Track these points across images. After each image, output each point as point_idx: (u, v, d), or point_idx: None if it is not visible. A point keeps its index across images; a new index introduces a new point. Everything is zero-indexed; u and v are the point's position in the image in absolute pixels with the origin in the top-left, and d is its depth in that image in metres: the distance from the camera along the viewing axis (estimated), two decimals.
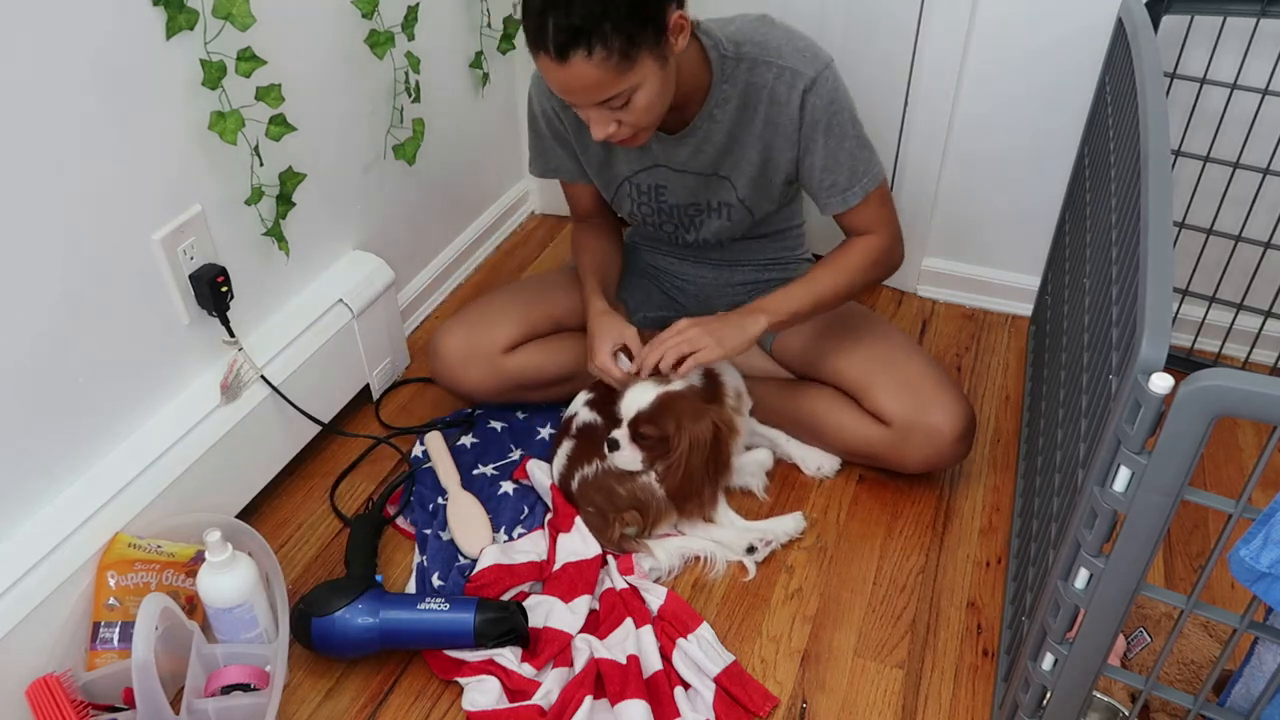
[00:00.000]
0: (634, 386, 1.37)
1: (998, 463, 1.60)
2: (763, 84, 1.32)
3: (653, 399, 1.36)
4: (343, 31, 1.50)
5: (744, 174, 1.41)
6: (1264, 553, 0.79)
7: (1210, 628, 1.18)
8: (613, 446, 1.39)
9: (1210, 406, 0.75)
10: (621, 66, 1.16)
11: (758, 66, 1.31)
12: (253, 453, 1.44)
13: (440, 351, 1.55)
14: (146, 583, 1.21)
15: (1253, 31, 1.48)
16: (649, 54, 1.18)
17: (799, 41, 1.32)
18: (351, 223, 1.66)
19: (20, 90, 1.04)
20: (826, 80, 1.30)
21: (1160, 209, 0.92)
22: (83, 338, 1.19)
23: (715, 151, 1.39)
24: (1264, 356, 1.76)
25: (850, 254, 1.43)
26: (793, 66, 1.30)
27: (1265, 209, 1.60)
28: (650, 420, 1.36)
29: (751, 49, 1.31)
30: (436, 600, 1.26)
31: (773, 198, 1.47)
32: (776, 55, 1.30)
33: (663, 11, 1.18)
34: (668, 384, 1.36)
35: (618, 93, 1.19)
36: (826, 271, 1.42)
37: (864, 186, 1.37)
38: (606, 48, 1.14)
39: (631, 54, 1.16)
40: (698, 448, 1.35)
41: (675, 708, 1.21)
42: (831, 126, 1.33)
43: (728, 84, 1.33)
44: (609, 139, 1.27)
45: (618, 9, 1.12)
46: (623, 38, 1.14)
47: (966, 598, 1.38)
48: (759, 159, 1.39)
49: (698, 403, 1.36)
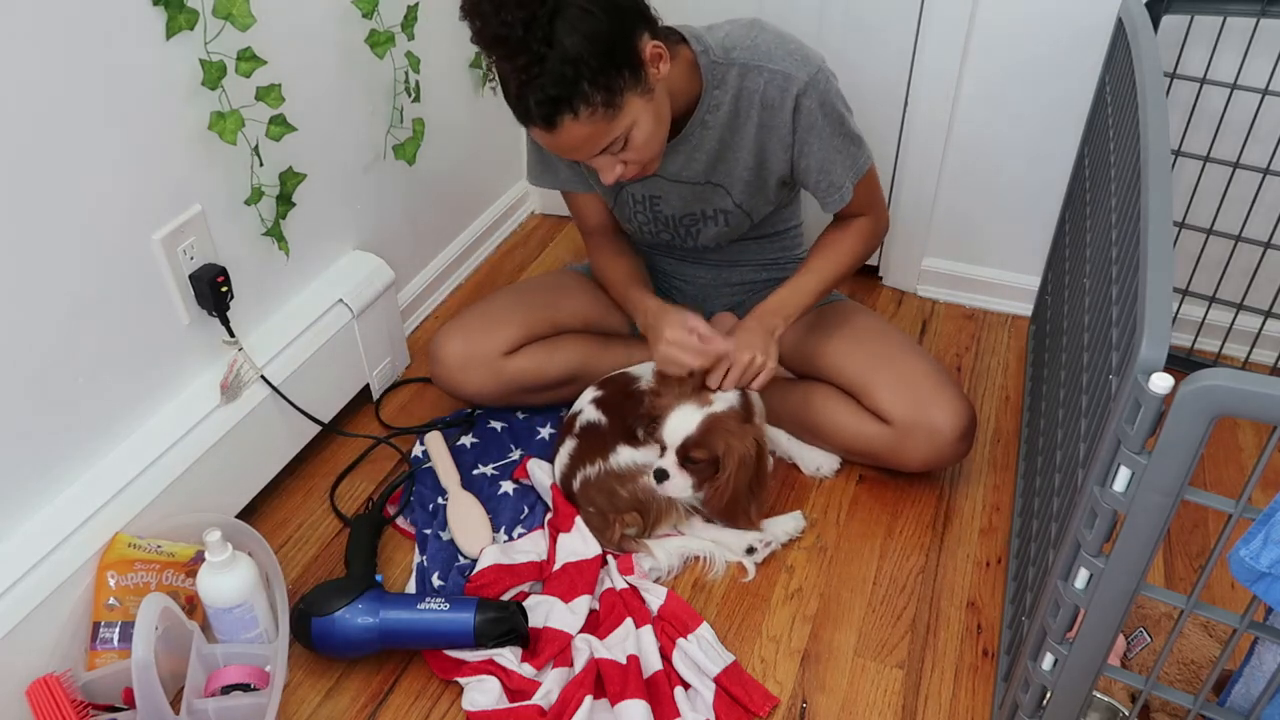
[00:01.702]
0: (674, 412, 1.35)
1: (998, 463, 1.60)
2: (755, 88, 1.32)
3: (699, 422, 1.34)
4: (343, 31, 1.50)
5: (738, 179, 1.41)
6: (1264, 553, 0.79)
7: (1210, 628, 1.18)
8: (661, 477, 1.36)
9: (1210, 406, 0.75)
10: (610, 115, 1.18)
11: (749, 71, 1.31)
12: (253, 453, 1.44)
13: (440, 356, 1.55)
14: (146, 583, 1.21)
15: (1253, 31, 1.48)
16: (633, 94, 1.19)
17: (789, 44, 1.32)
18: (351, 223, 1.66)
19: (20, 90, 1.04)
20: (819, 83, 1.31)
21: (1160, 209, 0.92)
22: (83, 338, 1.19)
23: (707, 159, 1.39)
24: (1264, 356, 1.76)
25: (844, 238, 1.46)
26: (785, 70, 1.30)
27: (1265, 209, 1.60)
28: (699, 444, 1.34)
29: (742, 54, 1.31)
30: (436, 600, 1.26)
31: (769, 199, 1.47)
32: (767, 59, 1.30)
33: (634, 50, 1.18)
34: (709, 405, 1.35)
35: (614, 139, 1.21)
36: (825, 260, 1.44)
37: (854, 178, 1.39)
38: (590, 105, 1.15)
39: (616, 101, 1.17)
40: (745, 466, 1.35)
41: (675, 708, 1.21)
42: (825, 128, 1.33)
43: (719, 89, 1.33)
44: (620, 179, 1.28)
45: (589, 66, 1.13)
46: (603, 90, 1.15)
47: (966, 598, 1.38)
48: (753, 162, 1.39)
49: (739, 422, 1.35)
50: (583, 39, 1.11)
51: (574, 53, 1.11)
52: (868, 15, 1.74)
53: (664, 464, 1.37)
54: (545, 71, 1.12)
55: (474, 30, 1.14)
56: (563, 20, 1.10)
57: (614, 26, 1.14)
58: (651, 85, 1.21)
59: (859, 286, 2.01)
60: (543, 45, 1.11)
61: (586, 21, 1.12)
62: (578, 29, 1.11)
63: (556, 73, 1.12)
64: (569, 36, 1.11)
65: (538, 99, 1.14)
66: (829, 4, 1.75)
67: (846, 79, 1.36)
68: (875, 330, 1.52)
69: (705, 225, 1.50)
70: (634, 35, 1.17)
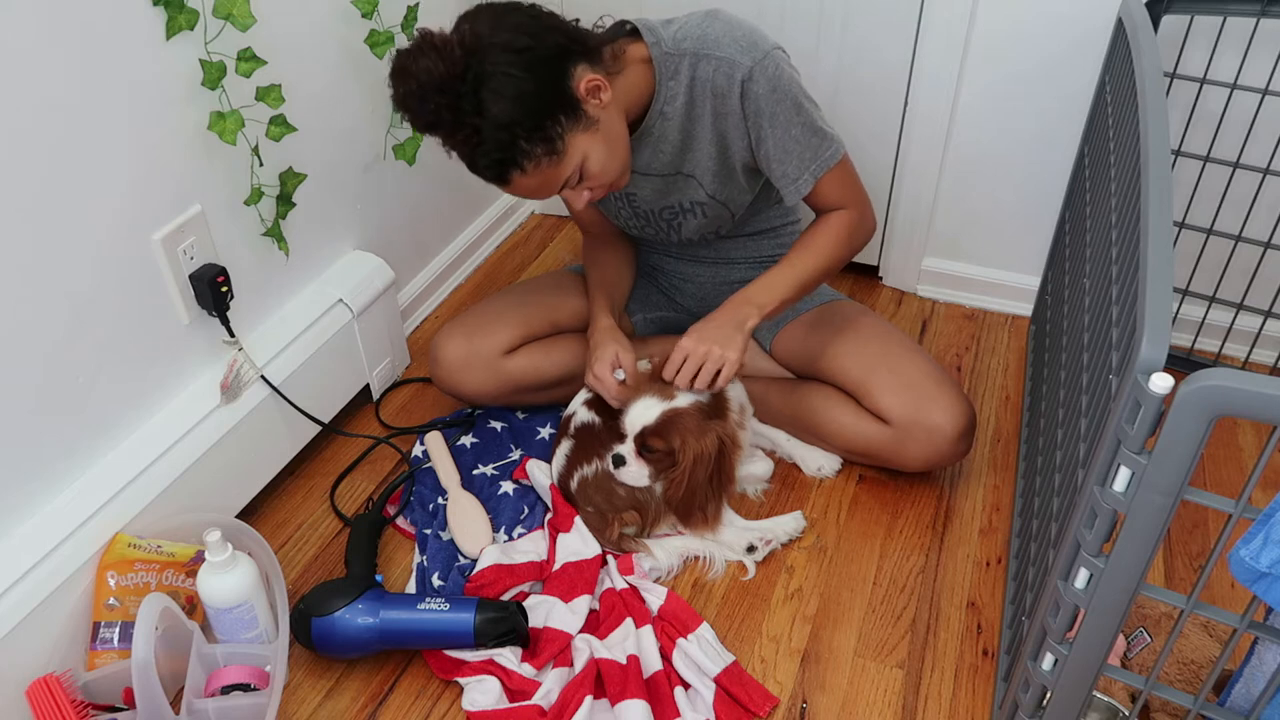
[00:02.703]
0: (638, 402, 1.37)
1: (998, 463, 1.60)
2: (705, 77, 1.32)
3: (658, 415, 1.35)
4: (343, 31, 1.50)
5: (705, 169, 1.41)
6: (1264, 553, 0.79)
7: (1210, 628, 1.18)
8: (618, 462, 1.38)
9: (1210, 406, 0.75)
10: (555, 161, 1.21)
11: (699, 60, 1.31)
12: (253, 453, 1.44)
13: (440, 357, 1.56)
14: (146, 583, 1.21)
15: (1253, 31, 1.48)
16: (575, 133, 1.21)
17: (737, 31, 1.31)
18: (351, 223, 1.66)
19: (20, 90, 1.04)
20: (766, 69, 1.29)
21: (1160, 209, 0.91)
22: (83, 338, 1.19)
23: (672, 149, 1.40)
24: (1264, 356, 1.76)
25: (824, 232, 1.43)
26: (730, 57, 1.30)
27: (1265, 209, 1.60)
28: (655, 435, 1.35)
29: (691, 44, 1.31)
30: (436, 600, 1.26)
31: (741, 188, 1.46)
32: (715, 47, 1.30)
33: (566, 93, 1.20)
34: (672, 400, 1.36)
35: (567, 177, 1.24)
36: (803, 253, 1.42)
37: (814, 173, 1.37)
38: (532, 158, 1.19)
39: (558, 147, 1.20)
40: (702, 463, 1.35)
41: (675, 708, 1.21)
42: (776, 115, 1.32)
43: (673, 80, 1.33)
44: (592, 201, 1.31)
45: (522, 124, 1.16)
46: (541, 142, 1.18)
47: (966, 598, 1.38)
48: (715, 151, 1.39)
49: (701, 419, 1.36)
50: (510, 103, 1.15)
51: (505, 118, 1.15)
52: (868, 15, 1.74)
53: (622, 450, 1.38)
54: (483, 140, 1.17)
55: (410, 121, 1.19)
56: (487, 90, 1.14)
57: (539, 78, 1.17)
58: (594, 117, 1.23)
59: (859, 286, 2.01)
60: (474, 117, 1.15)
61: (510, 84, 1.15)
62: (503, 94, 1.15)
63: (493, 139, 1.16)
64: (496, 104, 1.15)
65: (484, 164, 1.19)
66: (829, 5, 1.75)
67: (846, 79, 1.36)
68: (875, 330, 1.52)
69: (684, 218, 1.50)
70: (563, 79, 1.19)
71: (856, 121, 1.82)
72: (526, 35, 1.17)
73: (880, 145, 1.86)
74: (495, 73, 1.14)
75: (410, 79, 1.15)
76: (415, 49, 1.16)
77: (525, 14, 1.20)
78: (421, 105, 1.16)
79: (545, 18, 1.21)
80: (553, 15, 1.22)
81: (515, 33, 1.16)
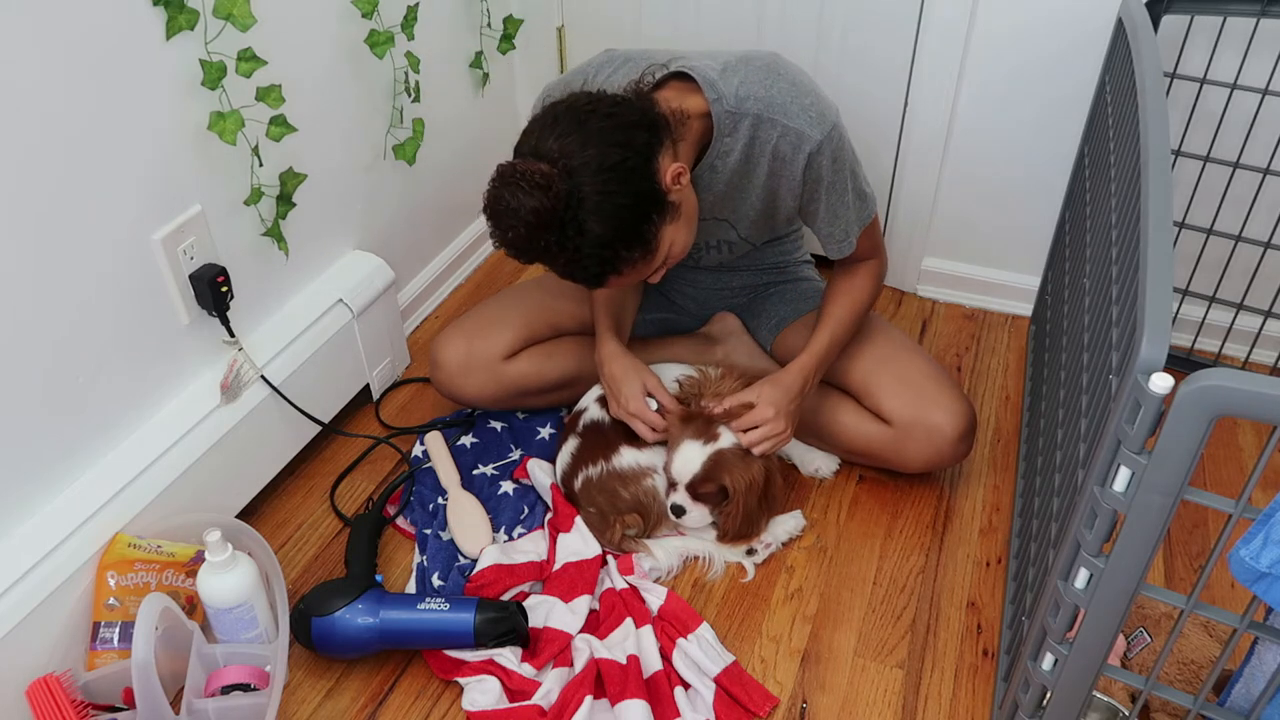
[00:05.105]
0: (680, 449, 1.37)
1: (998, 463, 1.60)
2: (767, 140, 1.29)
3: (704, 461, 1.36)
4: (343, 31, 1.50)
5: (745, 218, 1.41)
6: (1264, 553, 0.79)
7: (1210, 628, 1.18)
8: (678, 512, 1.40)
9: (1210, 406, 0.75)
10: (649, 257, 1.19)
11: (762, 123, 1.28)
12: (253, 453, 1.44)
13: (440, 361, 1.55)
14: (146, 583, 1.21)
15: (1253, 31, 1.48)
16: (664, 225, 1.19)
17: (806, 99, 1.28)
18: (351, 223, 1.66)
19: (20, 90, 1.04)
20: (832, 141, 1.29)
21: (1160, 209, 0.91)
22: (83, 337, 1.19)
23: (715, 199, 1.37)
24: (1264, 356, 1.76)
25: (858, 283, 1.46)
26: (799, 129, 1.27)
27: (1265, 209, 1.60)
28: (706, 479, 1.37)
29: (755, 104, 1.28)
30: (436, 600, 1.26)
31: (774, 231, 1.48)
32: (782, 114, 1.27)
33: (657, 192, 1.16)
34: (716, 441, 1.37)
35: (656, 268, 1.24)
36: (842, 307, 1.45)
37: (856, 233, 1.39)
38: (630, 261, 1.17)
39: (652, 245, 1.18)
40: (754, 491, 1.38)
41: (675, 708, 1.21)
42: (834, 185, 1.33)
43: (730, 137, 1.29)
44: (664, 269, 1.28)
45: (622, 239, 1.14)
46: (640, 245, 1.17)
47: (966, 598, 1.38)
48: (762, 205, 1.38)
49: (745, 452, 1.37)
50: (609, 221, 1.12)
51: (607, 237, 1.13)
52: (868, 15, 1.74)
53: (679, 500, 1.40)
54: (584, 257, 1.14)
55: (514, 257, 1.17)
56: (585, 211, 1.11)
57: (635, 190, 1.14)
58: (677, 203, 1.20)
59: None
60: (576, 238, 1.12)
61: (609, 203, 1.12)
62: (602, 212, 1.11)
63: (595, 256, 1.14)
64: (598, 225, 1.12)
65: (582, 276, 1.18)
66: (828, 5, 1.75)
67: (846, 79, 1.36)
68: (875, 331, 1.52)
69: (708, 253, 1.51)
70: (653, 179, 1.16)
71: (856, 121, 1.81)
72: (616, 146, 1.12)
73: (880, 145, 1.86)
74: (593, 194, 1.11)
75: (516, 221, 1.11)
76: (512, 184, 1.11)
77: (604, 116, 1.14)
78: (530, 245, 1.13)
79: (623, 113, 1.15)
80: (626, 104, 1.17)
81: (604, 145, 1.11)
